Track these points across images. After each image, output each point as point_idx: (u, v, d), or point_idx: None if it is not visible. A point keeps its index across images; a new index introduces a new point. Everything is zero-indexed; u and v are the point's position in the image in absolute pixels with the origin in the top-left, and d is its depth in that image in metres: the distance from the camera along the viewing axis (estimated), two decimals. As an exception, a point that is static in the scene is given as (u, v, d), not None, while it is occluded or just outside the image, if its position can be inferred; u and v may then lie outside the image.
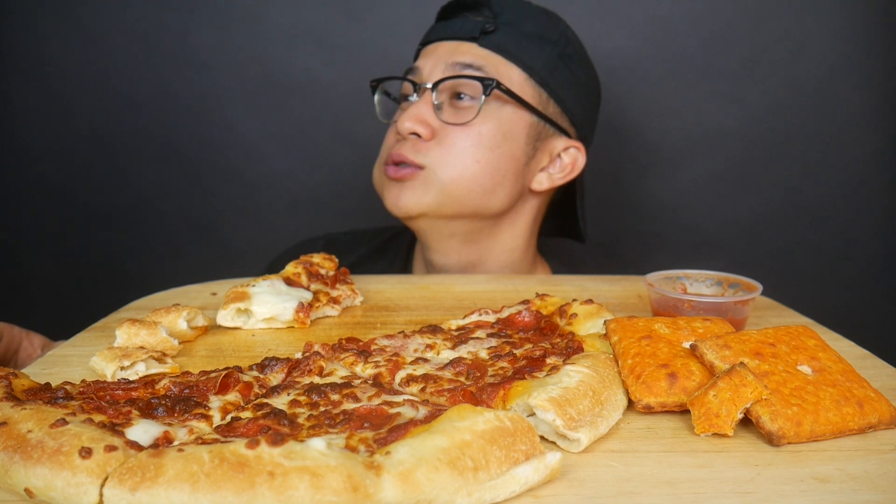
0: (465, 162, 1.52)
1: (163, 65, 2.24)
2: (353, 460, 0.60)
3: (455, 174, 1.52)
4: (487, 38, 1.54)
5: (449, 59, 1.54)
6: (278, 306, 1.15)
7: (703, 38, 2.17)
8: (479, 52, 1.54)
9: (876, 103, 2.20)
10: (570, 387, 0.78)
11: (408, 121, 1.52)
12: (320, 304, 1.22)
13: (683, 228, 2.31)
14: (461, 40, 1.56)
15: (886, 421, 0.78)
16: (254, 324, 1.16)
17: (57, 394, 0.78)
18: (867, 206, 2.27)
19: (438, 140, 1.53)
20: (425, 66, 1.57)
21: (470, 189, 1.53)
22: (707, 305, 1.09)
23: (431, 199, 1.53)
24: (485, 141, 1.52)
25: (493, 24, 1.54)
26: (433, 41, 1.61)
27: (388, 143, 1.62)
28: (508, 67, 1.54)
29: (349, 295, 1.29)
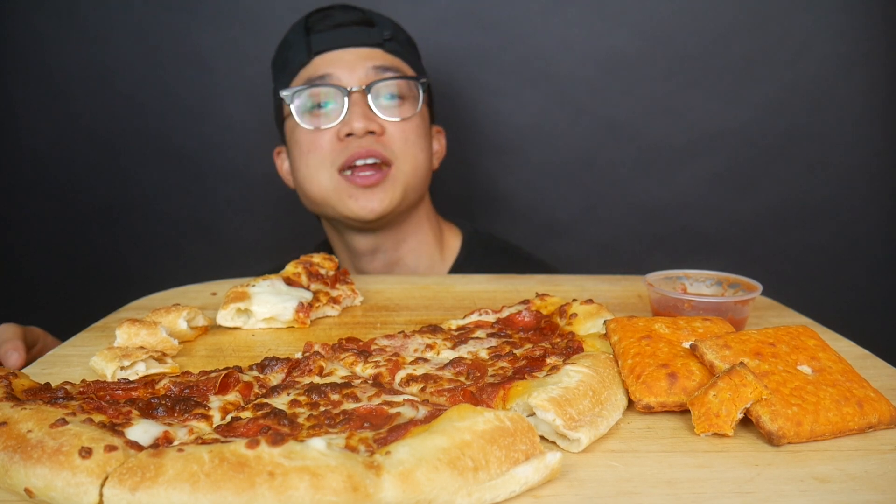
0: (417, 153, 1.67)
1: (163, 65, 2.24)
2: (353, 460, 0.60)
3: (414, 165, 1.66)
4: (389, 45, 1.68)
5: (366, 63, 1.63)
6: (278, 306, 1.15)
7: (703, 38, 2.17)
8: (387, 57, 1.67)
9: (876, 103, 2.19)
10: (570, 387, 0.78)
11: (361, 121, 1.58)
12: (320, 304, 1.22)
13: (683, 228, 2.30)
14: (366, 47, 1.66)
15: (886, 421, 0.78)
16: (254, 324, 1.16)
17: (57, 394, 0.78)
18: (868, 206, 2.27)
19: (390, 137, 1.63)
20: (341, 73, 1.62)
21: (421, 178, 1.69)
22: (707, 305, 1.09)
23: (399, 195, 1.65)
24: (422, 131, 1.69)
25: (389, 33, 1.68)
26: (332, 49, 1.65)
27: (327, 149, 1.62)
28: (407, 67, 1.70)
29: (349, 295, 1.29)
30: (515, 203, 2.33)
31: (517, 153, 2.28)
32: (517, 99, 2.23)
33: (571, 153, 2.28)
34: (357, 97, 1.60)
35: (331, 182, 1.63)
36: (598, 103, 2.23)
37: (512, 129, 2.22)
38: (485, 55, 2.18)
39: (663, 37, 2.17)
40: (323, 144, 1.63)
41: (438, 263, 1.83)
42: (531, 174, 2.30)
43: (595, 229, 2.34)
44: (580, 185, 2.30)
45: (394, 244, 1.77)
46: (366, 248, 1.76)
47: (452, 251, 1.87)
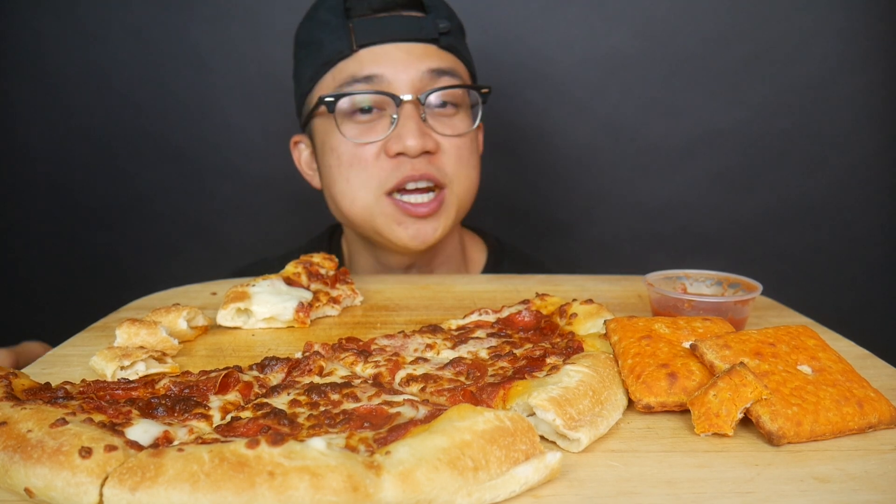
0: (470, 173, 1.51)
1: (162, 64, 2.24)
2: (353, 460, 0.60)
3: (467, 185, 1.51)
4: (445, 38, 1.47)
5: (420, 65, 1.43)
6: (278, 306, 1.15)
7: (703, 38, 2.17)
8: (443, 55, 1.47)
9: (876, 103, 2.20)
10: (570, 387, 0.78)
11: (416, 138, 1.39)
12: (320, 303, 1.22)
13: (683, 228, 2.31)
14: (419, 41, 1.45)
15: (886, 421, 0.78)
16: (254, 324, 1.16)
17: (57, 393, 0.78)
18: (867, 206, 2.28)
19: (444, 155, 1.45)
20: (391, 74, 1.43)
21: (472, 197, 1.55)
22: (707, 305, 1.09)
23: (451, 221, 1.50)
24: (475, 147, 1.54)
25: (446, 24, 1.46)
26: (379, 42, 1.44)
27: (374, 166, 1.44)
28: (461, 66, 1.53)
29: (349, 295, 1.29)
30: (515, 203, 2.33)
31: (517, 153, 2.28)
32: (517, 99, 2.23)
33: (571, 153, 2.28)
34: (409, 108, 1.41)
35: (378, 205, 1.46)
36: (598, 103, 2.23)
37: (512, 129, 2.23)
38: (485, 55, 2.18)
39: (663, 37, 2.17)
40: (368, 159, 1.44)
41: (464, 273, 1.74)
42: (531, 174, 2.30)
43: (595, 229, 2.34)
44: (580, 185, 2.30)
45: (427, 260, 1.64)
46: (399, 265, 1.62)
47: (477, 263, 1.76)
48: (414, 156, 1.42)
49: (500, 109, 1.94)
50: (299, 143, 1.69)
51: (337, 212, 1.59)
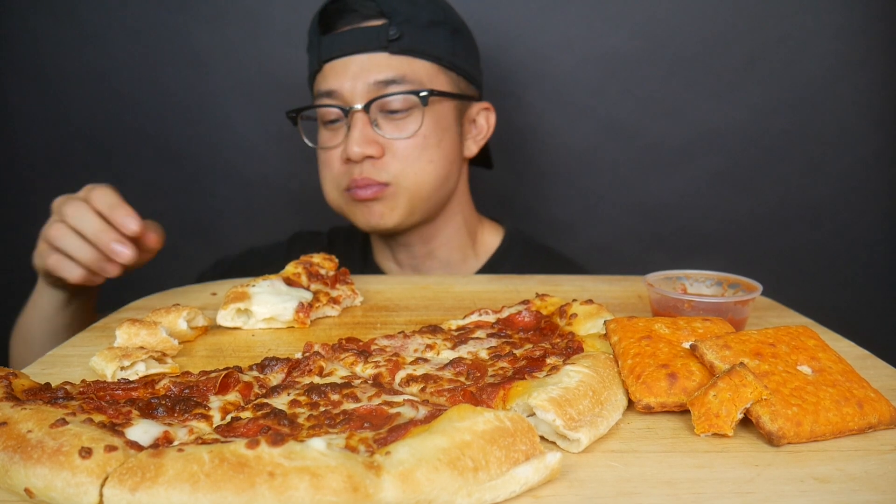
0: (421, 167, 1.62)
1: (161, 64, 2.24)
2: (353, 460, 0.60)
3: (417, 180, 1.62)
4: (396, 45, 1.58)
5: (368, 77, 1.57)
6: (278, 306, 1.15)
7: (703, 38, 2.17)
8: (392, 62, 1.58)
9: (876, 103, 2.20)
10: (570, 387, 0.78)
11: (357, 146, 1.55)
12: (320, 304, 1.22)
13: (683, 228, 2.30)
14: (370, 52, 1.58)
15: (886, 421, 0.78)
16: (253, 324, 1.16)
17: (57, 394, 0.78)
18: (867, 206, 2.27)
19: (391, 154, 1.60)
20: (343, 87, 1.58)
21: (432, 187, 1.65)
22: (707, 305, 1.09)
23: (402, 210, 1.64)
24: (430, 141, 1.62)
25: (396, 31, 1.57)
26: (338, 56, 1.60)
27: (335, 168, 1.65)
28: (421, 65, 1.61)
29: (349, 295, 1.29)
30: (515, 203, 2.33)
31: (518, 154, 2.28)
32: (517, 99, 2.23)
33: (571, 153, 2.28)
34: (358, 116, 1.57)
35: (340, 198, 1.68)
36: (598, 103, 2.23)
37: (512, 129, 2.22)
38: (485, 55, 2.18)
39: (663, 37, 2.17)
40: (332, 164, 1.65)
41: (472, 259, 1.83)
42: (531, 174, 2.30)
43: (595, 229, 2.34)
44: (580, 185, 2.30)
45: (424, 240, 1.77)
46: (396, 243, 1.78)
47: (488, 248, 1.86)
48: (358, 161, 1.59)
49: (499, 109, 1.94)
50: None
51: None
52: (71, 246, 1.29)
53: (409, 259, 1.80)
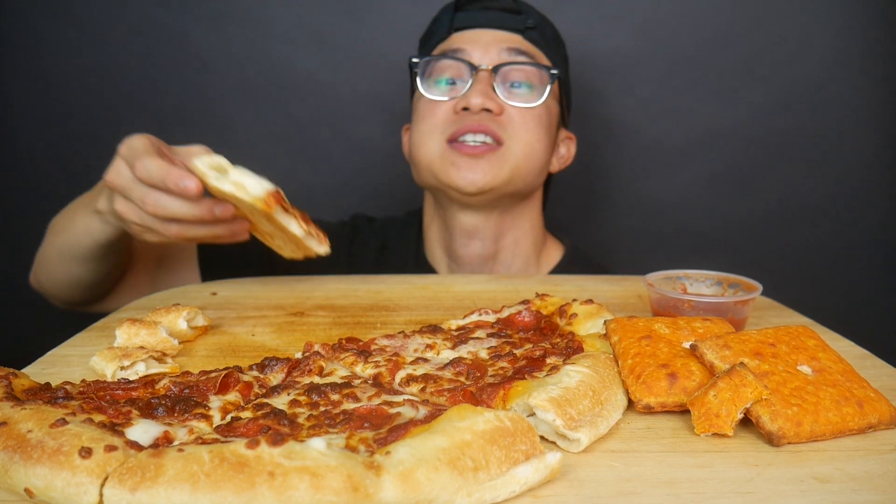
0: (533, 141, 1.62)
1: (161, 64, 2.24)
2: (353, 460, 0.60)
3: (527, 151, 1.61)
4: (530, 33, 1.65)
5: (502, 44, 1.61)
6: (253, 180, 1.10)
7: (703, 38, 2.17)
8: (524, 43, 1.65)
9: (876, 103, 2.20)
10: (570, 387, 0.78)
11: (479, 96, 1.55)
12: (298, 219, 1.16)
13: (683, 228, 2.30)
14: (507, 31, 1.64)
15: (886, 421, 0.78)
16: (223, 184, 1.09)
17: (57, 394, 0.78)
18: (867, 206, 2.27)
19: (508, 118, 1.60)
20: (474, 50, 1.62)
21: (533, 167, 1.64)
22: (707, 305, 1.09)
23: (506, 175, 1.60)
24: (544, 123, 1.64)
25: (532, 21, 1.66)
26: (472, 27, 1.65)
27: (441, 119, 1.61)
28: (544, 58, 1.68)
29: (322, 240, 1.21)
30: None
31: (517, 153, 2.28)
32: (517, 99, 2.23)
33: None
34: (483, 76, 1.58)
35: (438, 149, 1.61)
36: (598, 103, 2.23)
37: (512, 129, 2.22)
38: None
39: (663, 37, 2.17)
40: (438, 114, 1.62)
41: (533, 269, 1.80)
42: (531, 174, 2.30)
43: (595, 229, 2.34)
44: (580, 185, 2.30)
45: (493, 233, 1.71)
46: (465, 227, 1.70)
47: (550, 262, 1.83)
48: (476, 111, 1.57)
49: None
50: (408, 130, 1.84)
51: (414, 167, 1.73)
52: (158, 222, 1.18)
53: (469, 257, 1.72)
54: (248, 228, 1.24)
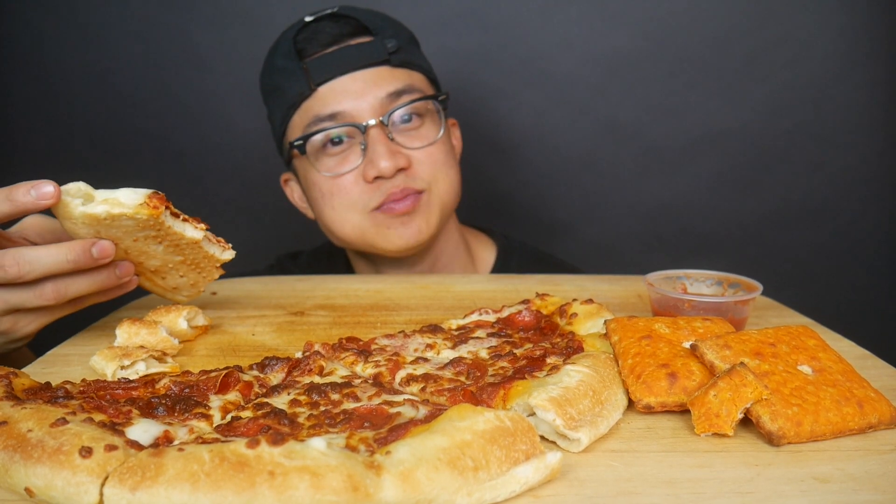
0: (448, 172, 1.59)
1: (163, 65, 2.24)
2: (353, 460, 0.60)
3: (447, 184, 1.59)
4: (396, 57, 1.54)
5: (376, 91, 1.50)
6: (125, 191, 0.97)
7: (703, 38, 2.17)
8: (395, 74, 1.54)
9: (877, 103, 2.20)
10: (571, 387, 0.78)
11: (387, 160, 1.47)
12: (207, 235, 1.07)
13: (683, 229, 2.31)
14: (371, 67, 1.52)
15: (886, 421, 0.78)
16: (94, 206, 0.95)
17: (57, 393, 0.78)
18: (868, 207, 2.28)
19: (418, 164, 1.54)
20: (350, 107, 1.50)
21: (456, 193, 1.63)
22: (707, 305, 1.09)
23: (436, 220, 1.58)
24: (447, 147, 1.61)
25: (393, 43, 1.53)
26: (334, 76, 1.51)
27: (353, 192, 1.52)
28: (418, 77, 1.59)
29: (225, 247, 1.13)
30: (515, 203, 2.33)
31: (517, 153, 2.28)
32: (517, 99, 2.23)
33: (571, 153, 2.28)
34: (375, 132, 1.49)
35: (363, 221, 1.55)
36: (598, 103, 2.23)
37: (512, 129, 2.23)
38: (485, 55, 2.18)
39: (663, 37, 2.17)
40: (348, 188, 1.53)
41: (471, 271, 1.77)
42: (531, 174, 2.30)
43: (595, 229, 2.34)
44: (580, 185, 2.30)
45: (429, 265, 1.70)
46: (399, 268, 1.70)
47: (486, 262, 1.80)
48: (390, 176, 1.50)
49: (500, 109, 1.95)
50: (289, 181, 1.77)
51: (332, 237, 1.67)
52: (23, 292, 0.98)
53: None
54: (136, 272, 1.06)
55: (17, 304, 0.98)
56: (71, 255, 0.96)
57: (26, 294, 0.98)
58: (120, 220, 0.95)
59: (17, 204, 0.95)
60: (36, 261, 0.95)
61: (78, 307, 1.06)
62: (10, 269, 0.94)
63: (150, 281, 1.12)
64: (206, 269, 1.12)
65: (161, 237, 1.02)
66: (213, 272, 1.14)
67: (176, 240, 1.03)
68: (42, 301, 0.98)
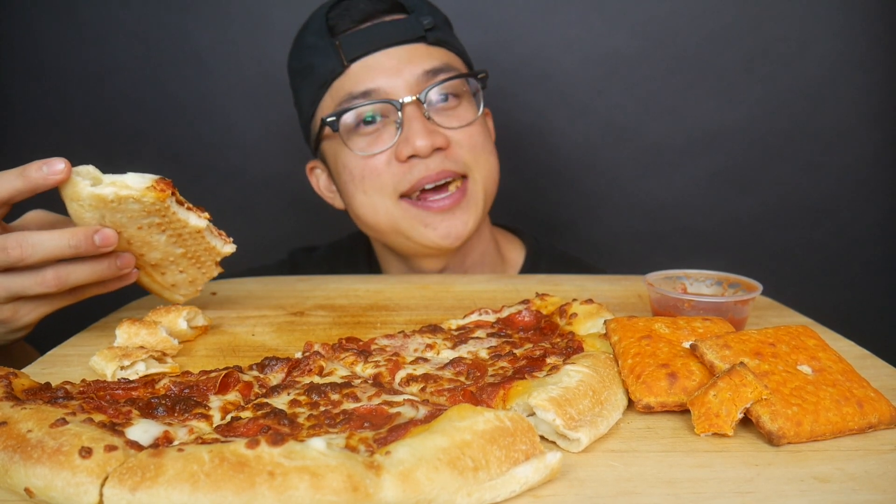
0: (489, 157, 1.50)
1: (162, 65, 2.24)
2: (353, 460, 0.60)
3: (488, 170, 1.49)
4: (432, 35, 1.47)
5: (413, 68, 1.43)
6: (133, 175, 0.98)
7: (703, 38, 2.17)
8: (432, 52, 1.47)
9: (876, 103, 2.20)
10: (570, 387, 0.78)
11: (423, 138, 1.38)
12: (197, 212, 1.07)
13: (683, 228, 2.31)
14: (407, 43, 1.45)
15: (886, 421, 0.78)
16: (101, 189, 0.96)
17: (57, 393, 0.78)
18: (867, 206, 2.28)
19: (457, 145, 1.44)
20: (385, 82, 1.43)
21: (496, 182, 1.53)
22: (707, 305, 1.09)
23: (480, 210, 1.48)
24: (486, 130, 1.53)
25: (430, 20, 1.46)
26: (368, 52, 1.44)
27: (383, 175, 1.44)
28: (454, 58, 1.53)
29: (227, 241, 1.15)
30: (515, 203, 2.33)
31: (518, 153, 2.28)
32: (517, 99, 2.23)
33: (571, 153, 2.28)
34: (411, 110, 1.41)
35: (397, 210, 1.46)
36: (598, 103, 2.23)
37: (512, 129, 2.22)
38: (485, 55, 2.17)
39: (663, 37, 2.17)
40: (379, 168, 1.44)
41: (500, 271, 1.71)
42: (531, 174, 2.30)
43: (595, 229, 2.34)
44: (580, 185, 2.30)
45: (460, 261, 1.61)
46: (432, 269, 1.60)
47: (515, 263, 1.73)
48: (426, 155, 1.41)
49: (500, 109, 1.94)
50: (315, 169, 1.69)
51: (364, 226, 1.58)
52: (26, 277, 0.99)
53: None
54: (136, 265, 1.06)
55: (19, 290, 0.99)
56: (73, 241, 0.96)
57: (27, 280, 0.99)
58: (126, 202, 0.96)
59: (30, 180, 0.96)
60: (39, 244, 0.96)
61: (78, 298, 1.07)
62: (12, 252, 0.95)
63: (150, 276, 1.12)
64: (205, 264, 1.13)
65: (165, 225, 1.03)
66: (212, 269, 1.14)
67: (179, 228, 1.04)
68: (43, 288, 0.99)
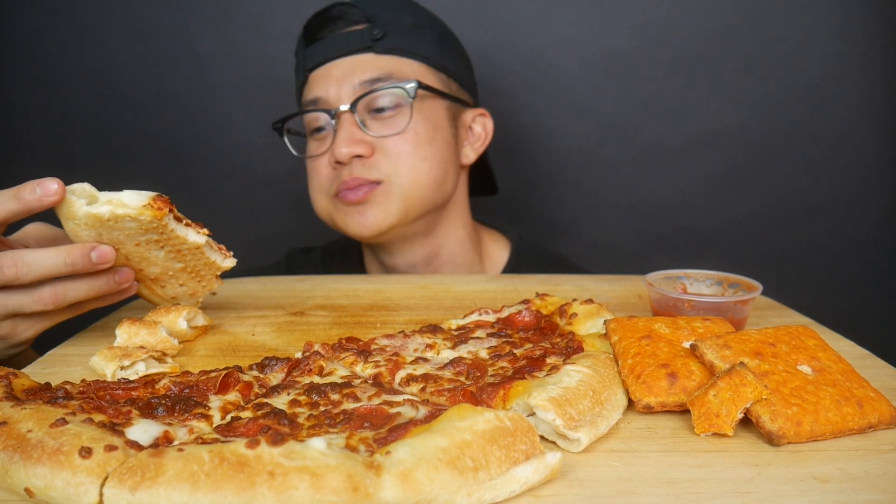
0: (416, 164, 1.57)
1: (162, 64, 2.24)
2: (353, 460, 0.60)
3: (413, 177, 1.57)
4: (381, 44, 1.56)
5: (353, 78, 1.54)
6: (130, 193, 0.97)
7: (703, 38, 2.17)
8: (378, 61, 1.56)
9: (876, 103, 2.20)
10: (570, 387, 0.78)
11: (344, 146, 1.51)
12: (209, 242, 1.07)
13: (683, 228, 2.30)
14: (354, 54, 1.56)
15: (886, 421, 0.78)
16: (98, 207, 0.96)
17: (57, 393, 0.78)
18: (867, 206, 2.28)
19: (382, 153, 1.54)
20: (329, 93, 1.56)
21: (427, 186, 1.59)
22: (707, 305, 1.09)
23: (397, 211, 1.57)
24: (422, 138, 1.58)
25: (379, 30, 1.55)
26: (321, 64, 1.58)
27: (322, 175, 1.61)
28: (409, 64, 1.58)
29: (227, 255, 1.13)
30: (515, 203, 2.33)
31: (517, 153, 2.28)
32: (517, 99, 2.23)
33: (571, 153, 2.28)
34: (345, 118, 1.53)
35: (329, 206, 1.63)
36: (598, 103, 2.23)
37: (512, 129, 2.22)
38: (485, 55, 2.17)
39: (663, 37, 2.17)
40: (321, 171, 1.61)
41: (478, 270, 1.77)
42: (531, 174, 2.30)
43: (595, 229, 2.34)
44: (580, 185, 2.30)
45: (426, 257, 1.71)
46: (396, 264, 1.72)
47: (497, 261, 1.80)
48: (346, 163, 1.54)
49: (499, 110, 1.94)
50: None
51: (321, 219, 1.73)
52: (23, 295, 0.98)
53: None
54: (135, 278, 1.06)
55: (16, 308, 0.99)
56: (69, 259, 0.96)
57: (24, 298, 0.98)
58: (123, 221, 0.95)
59: (24, 202, 0.95)
60: (34, 262, 0.95)
61: (77, 312, 1.06)
62: (7, 271, 0.94)
63: (149, 289, 1.12)
64: (205, 277, 1.13)
65: (163, 242, 1.02)
66: (212, 282, 1.15)
67: (178, 245, 1.03)
68: (40, 306, 0.98)
